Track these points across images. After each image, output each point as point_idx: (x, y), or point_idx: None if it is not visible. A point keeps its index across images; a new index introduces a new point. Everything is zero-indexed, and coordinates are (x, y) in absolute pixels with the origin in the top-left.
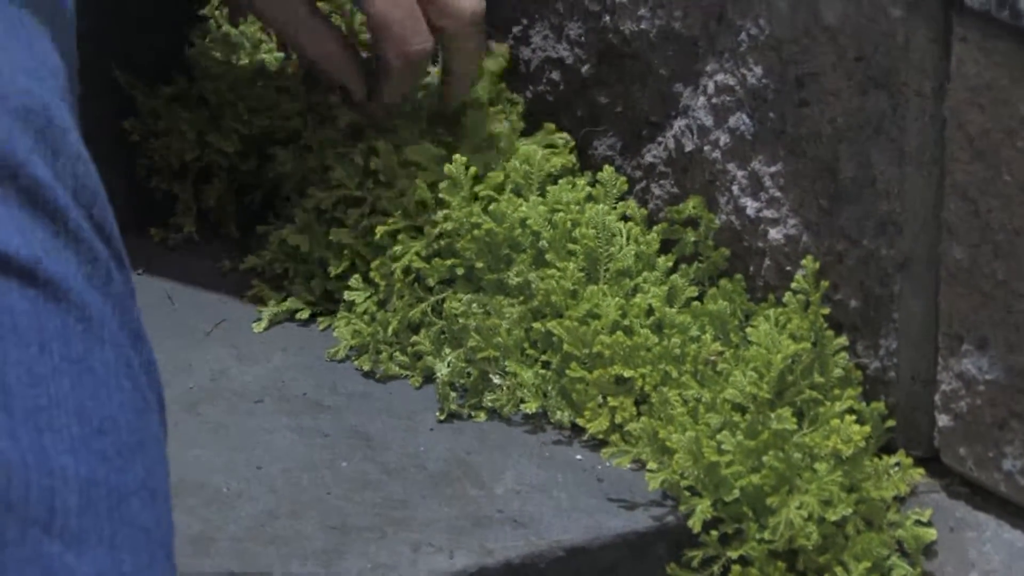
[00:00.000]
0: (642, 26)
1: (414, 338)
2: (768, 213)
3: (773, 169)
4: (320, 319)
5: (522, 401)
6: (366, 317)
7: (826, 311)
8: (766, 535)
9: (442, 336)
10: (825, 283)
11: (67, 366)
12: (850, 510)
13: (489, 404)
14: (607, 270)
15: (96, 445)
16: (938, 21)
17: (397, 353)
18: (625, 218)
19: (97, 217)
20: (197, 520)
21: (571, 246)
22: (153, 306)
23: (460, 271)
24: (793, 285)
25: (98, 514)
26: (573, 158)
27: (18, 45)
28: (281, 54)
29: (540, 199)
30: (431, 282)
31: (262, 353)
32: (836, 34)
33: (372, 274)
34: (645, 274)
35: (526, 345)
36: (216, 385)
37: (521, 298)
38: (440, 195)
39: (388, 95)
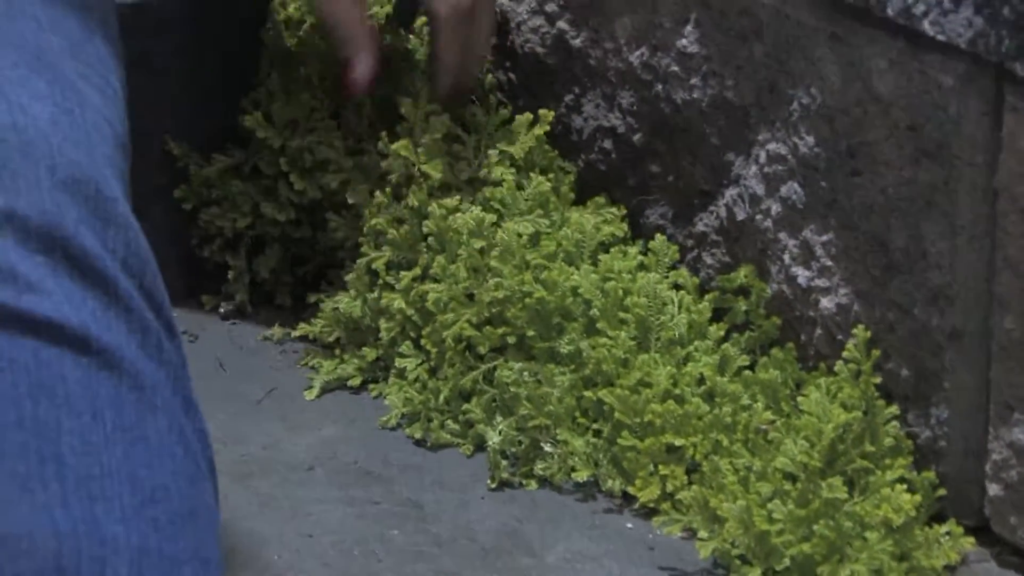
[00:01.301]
0: (694, 95)
1: (465, 406)
2: (819, 282)
3: (824, 238)
4: (371, 386)
5: (573, 469)
6: (417, 385)
7: (877, 380)
8: None
9: (493, 404)
10: (876, 352)
11: (120, 434)
12: None
13: (540, 472)
14: (659, 339)
15: (148, 513)
16: (990, 92)
17: (448, 421)
18: (677, 287)
19: (147, 287)
20: None
21: (622, 315)
22: (205, 374)
23: (512, 339)
24: (844, 354)
25: None
26: (625, 226)
27: (69, 114)
28: (333, 121)
29: (592, 267)
30: (482, 350)
31: (313, 421)
32: (888, 105)
33: (423, 341)
34: (697, 343)
35: (577, 413)
36: (267, 454)
37: (572, 366)
38: (492, 262)
39: (443, 51)
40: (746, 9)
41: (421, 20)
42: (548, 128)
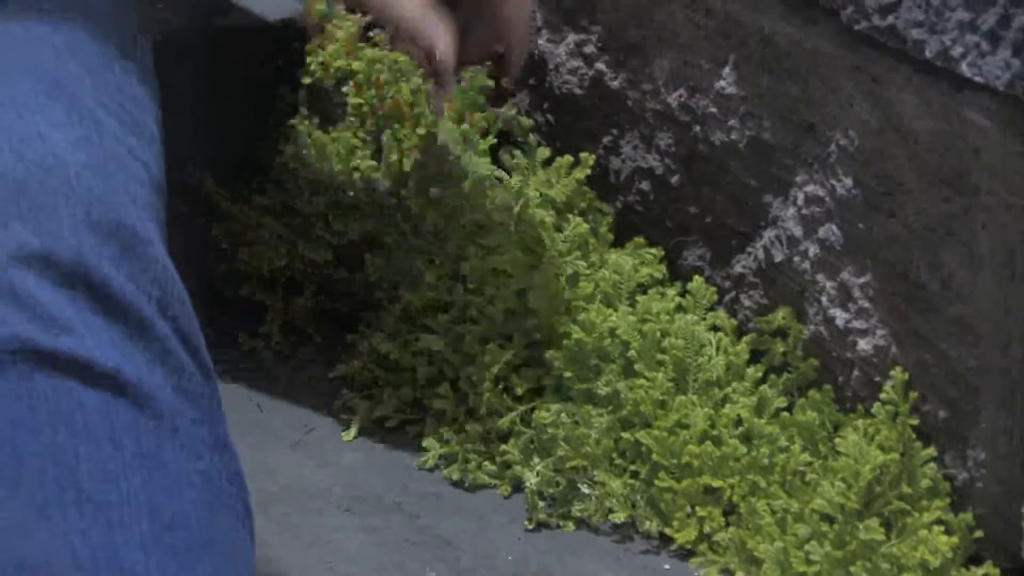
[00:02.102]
0: (732, 136)
1: (503, 447)
2: (857, 324)
3: (862, 280)
4: (409, 427)
5: (610, 511)
6: (455, 425)
7: (914, 422)
8: None
9: (531, 445)
10: (914, 394)
11: (138, 462)
12: None
13: (577, 514)
14: (696, 380)
15: (166, 541)
16: None
17: (486, 462)
18: (714, 328)
19: (182, 328)
20: None
21: (660, 356)
22: (242, 415)
23: (549, 380)
24: (882, 396)
25: None
26: (663, 268)
27: (104, 156)
28: (374, 162)
29: (629, 309)
30: (520, 391)
31: (351, 462)
32: (923, 147)
33: (461, 382)
34: (734, 384)
35: (615, 455)
36: (303, 496)
37: (610, 408)
38: (529, 304)
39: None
40: (784, 51)
41: None
42: (588, 171)
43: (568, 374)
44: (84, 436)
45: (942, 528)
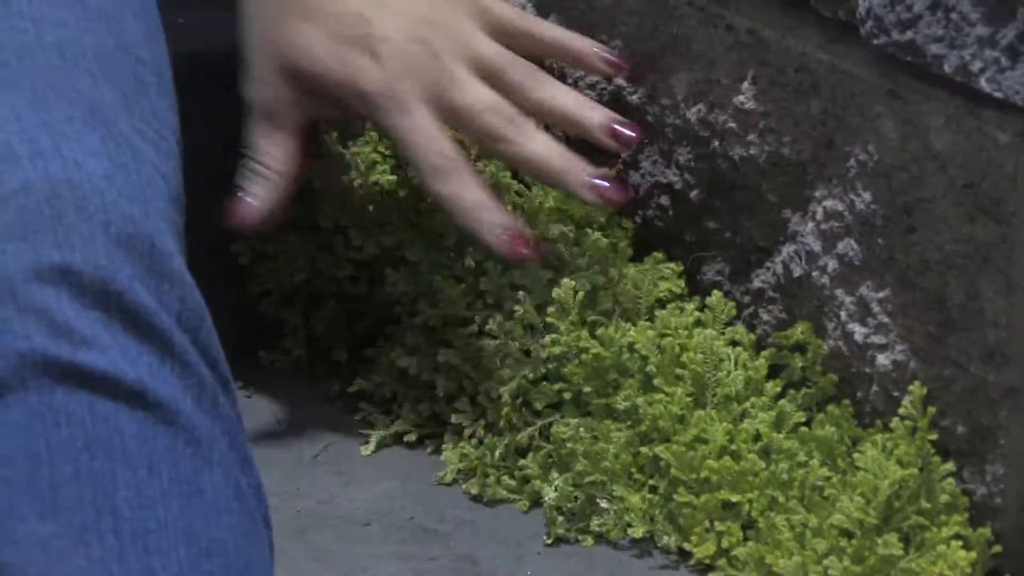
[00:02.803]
0: (751, 152)
1: (522, 462)
2: (876, 339)
3: (881, 295)
4: (428, 442)
5: (629, 526)
6: (474, 441)
7: (933, 437)
8: None
9: (550, 460)
10: (932, 409)
11: (176, 488)
12: None
13: (596, 529)
14: (715, 395)
15: (204, 568)
16: None
17: (505, 477)
18: (733, 343)
19: (203, 342)
20: None
21: (679, 371)
22: (261, 429)
23: (568, 395)
24: (900, 411)
25: None
26: (682, 283)
27: (123, 168)
28: (394, 177)
29: (648, 324)
30: (539, 406)
31: (369, 477)
32: (945, 162)
33: (480, 397)
34: (753, 399)
35: (633, 470)
36: (323, 509)
37: (629, 423)
38: (548, 319)
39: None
40: (803, 66)
41: None
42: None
43: (587, 389)
44: (123, 462)
45: (961, 543)
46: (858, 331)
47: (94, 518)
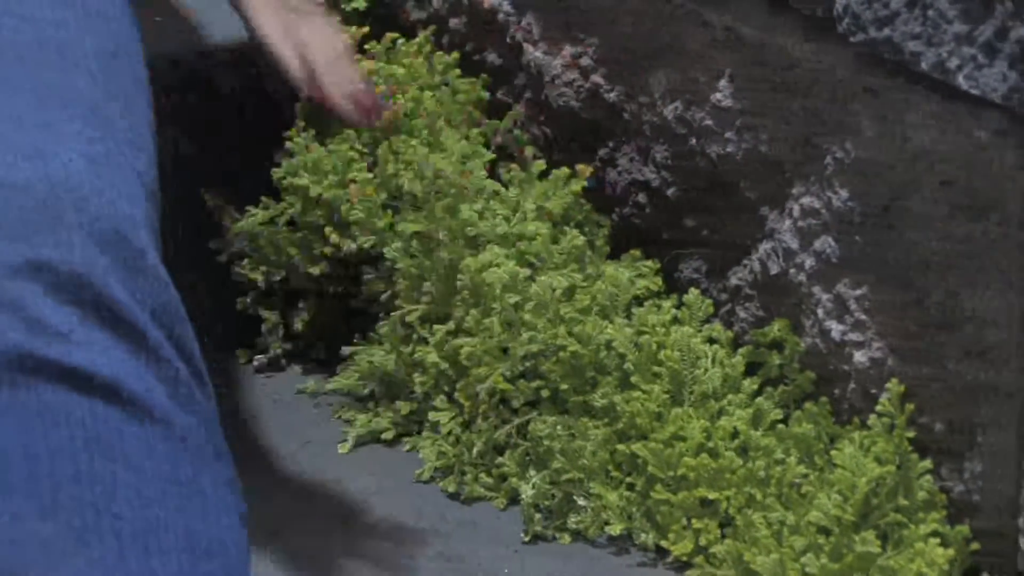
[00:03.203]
0: (728, 149)
1: (499, 460)
2: (853, 336)
3: (858, 292)
4: (405, 440)
5: (607, 523)
6: (451, 438)
7: (911, 434)
8: None
9: (527, 458)
10: (910, 407)
11: (175, 489)
12: None
13: (574, 526)
14: (692, 392)
15: (204, 568)
16: None
17: (482, 475)
18: (711, 341)
19: (177, 336)
20: None
21: (656, 368)
22: (239, 427)
23: (545, 393)
24: (878, 408)
25: None
26: (659, 280)
27: (103, 168)
28: (370, 174)
29: (626, 321)
30: (516, 403)
31: (347, 475)
32: (923, 159)
33: (457, 395)
34: (730, 397)
35: (611, 467)
36: (301, 507)
37: (606, 420)
38: (525, 316)
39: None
40: (781, 64)
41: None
42: (585, 183)
43: (564, 386)
44: (123, 463)
45: (939, 541)
46: (835, 328)
47: (94, 518)
